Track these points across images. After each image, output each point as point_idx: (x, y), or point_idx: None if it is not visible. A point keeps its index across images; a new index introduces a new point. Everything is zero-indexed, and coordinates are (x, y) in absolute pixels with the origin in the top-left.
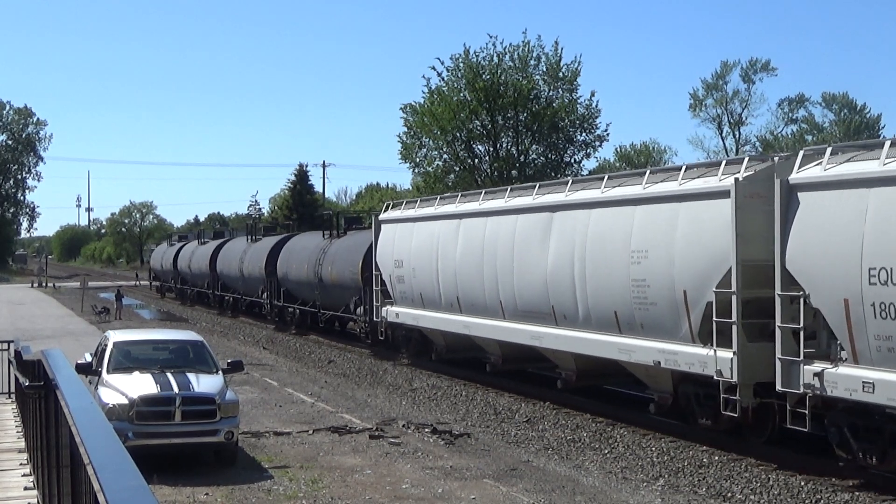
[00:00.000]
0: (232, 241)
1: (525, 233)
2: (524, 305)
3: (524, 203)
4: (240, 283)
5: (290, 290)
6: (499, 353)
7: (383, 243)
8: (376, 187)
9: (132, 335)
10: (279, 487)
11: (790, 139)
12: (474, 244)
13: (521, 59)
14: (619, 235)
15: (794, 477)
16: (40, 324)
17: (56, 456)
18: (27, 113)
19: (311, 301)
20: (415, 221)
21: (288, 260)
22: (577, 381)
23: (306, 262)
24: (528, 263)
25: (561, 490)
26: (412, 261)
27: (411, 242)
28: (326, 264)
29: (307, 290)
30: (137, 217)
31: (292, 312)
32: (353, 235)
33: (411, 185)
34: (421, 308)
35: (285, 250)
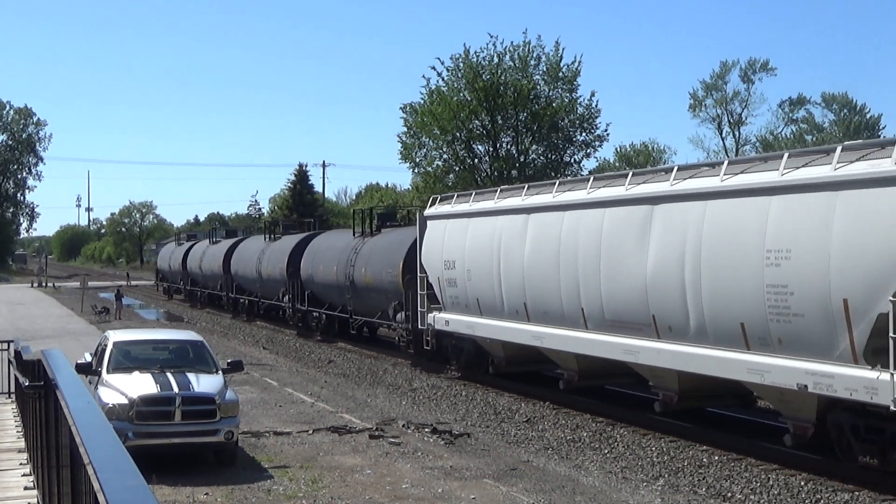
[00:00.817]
0: (247, 240)
1: (616, 229)
2: (614, 314)
3: (614, 194)
4: (257, 284)
5: (316, 293)
6: (575, 369)
7: (430, 242)
8: (376, 187)
9: (132, 335)
10: (279, 487)
11: (790, 139)
12: (548, 242)
13: (521, 59)
14: (747, 232)
15: (794, 477)
16: (40, 324)
17: (56, 456)
18: (27, 113)
19: (340, 306)
20: (469, 217)
21: (313, 260)
22: (679, 402)
23: (335, 262)
24: (621, 265)
25: (561, 490)
26: (466, 261)
27: (465, 241)
28: (360, 265)
29: (336, 293)
30: (137, 217)
31: (318, 318)
32: (390, 233)
33: (411, 185)
34: (477, 315)
35: (310, 250)
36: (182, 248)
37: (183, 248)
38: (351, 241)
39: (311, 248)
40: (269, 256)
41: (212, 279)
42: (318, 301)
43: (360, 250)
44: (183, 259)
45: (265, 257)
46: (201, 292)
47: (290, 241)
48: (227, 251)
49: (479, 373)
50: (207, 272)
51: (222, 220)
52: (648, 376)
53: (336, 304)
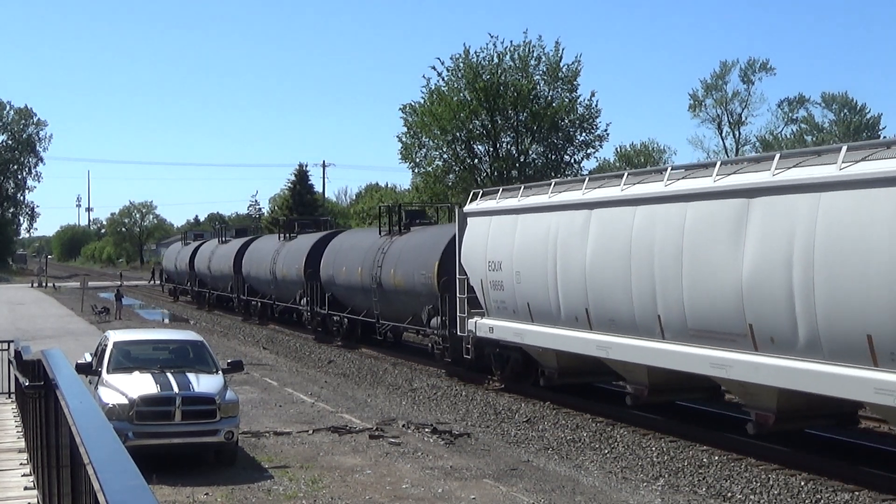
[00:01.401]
0: (260, 239)
1: (702, 226)
2: (699, 323)
3: (699, 187)
4: (271, 286)
5: (338, 296)
6: (645, 383)
7: (471, 241)
8: (376, 187)
9: (132, 335)
10: (279, 487)
11: (790, 139)
12: (616, 241)
13: (521, 59)
14: (878, 228)
15: (794, 477)
16: (40, 324)
17: (56, 456)
18: (27, 113)
19: (364, 310)
20: (518, 213)
21: (334, 261)
22: (776, 424)
23: (360, 263)
24: (708, 267)
25: (561, 490)
26: (515, 262)
27: (514, 239)
28: (388, 266)
29: (361, 296)
30: (137, 217)
31: (339, 322)
32: (421, 232)
33: (411, 185)
34: (526, 321)
35: (331, 250)
36: (189, 247)
37: (190, 248)
38: (377, 240)
39: (331, 248)
40: (284, 257)
41: (221, 280)
42: (340, 304)
43: (388, 250)
44: (190, 259)
45: (280, 257)
46: (210, 294)
47: (308, 240)
48: (238, 251)
49: (525, 384)
50: (216, 273)
51: (222, 220)
52: (738, 394)
53: (360, 308)
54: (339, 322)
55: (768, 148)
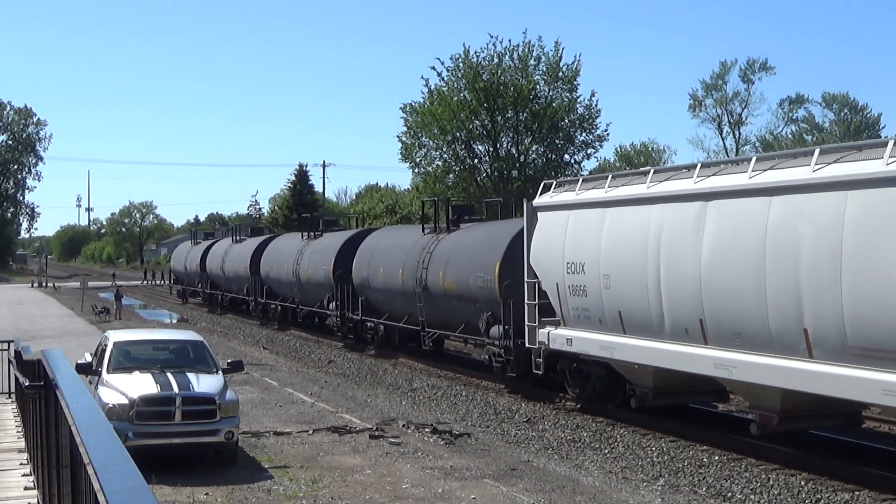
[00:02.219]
0: (280, 238)
1: (872, 221)
2: (864, 339)
3: (863, 171)
4: (294, 289)
5: (373, 300)
6: (776, 408)
7: (543, 239)
8: (376, 187)
9: (132, 335)
10: (279, 487)
11: (790, 139)
12: (743, 238)
13: (521, 59)
14: None
15: (795, 477)
16: (40, 324)
17: (56, 456)
18: (27, 113)
19: (405, 316)
20: (607, 206)
21: (369, 262)
22: None
23: (400, 264)
24: (880, 271)
25: (561, 490)
26: (602, 264)
27: (601, 236)
28: (435, 268)
29: (401, 301)
30: (137, 217)
31: (373, 329)
32: (474, 229)
33: (411, 185)
34: (617, 333)
35: (365, 250)
36: (199, 247)
37: (200, 248)
38: (420, 238)
39: (365, 248)
40: (309, 257)
41: (236, 282)
42: (375, 310)
43: (434, 249)
44: (201, 259)
45: (305, 258)
46: (223, 296)
47: (336, 239)
48: (256, 251)
49: (611, 405)
50: (231, 274)
51: (222, 220)
52: None
53: (399, 314)
54: (374, 329)
55: (768, 148)
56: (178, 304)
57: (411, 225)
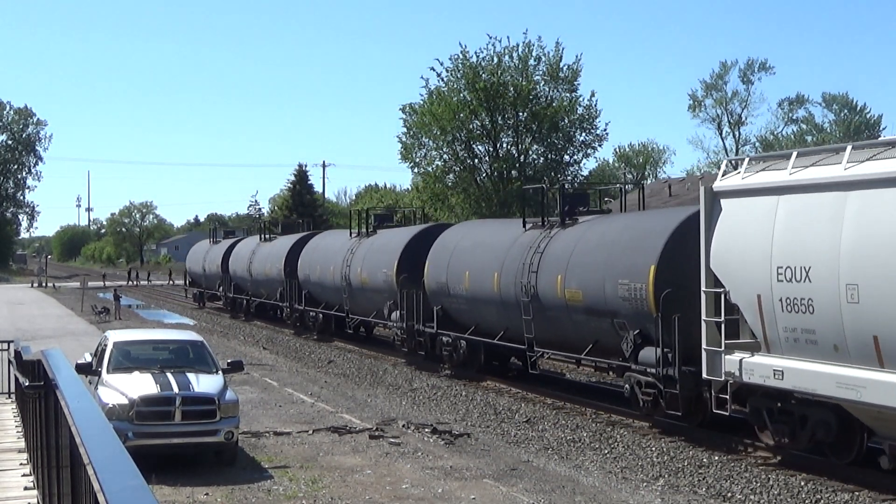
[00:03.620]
0: (322, 236)
1: None
2: None
3: None
4: (342, 294)
5: (453, 311)
6: None
7: (733, 234)
8: (375, 188)
9: (132, 335)
10: (279, 487)
11: (790, 139)
12: None
13: (521, 59)
14: None
15: (794, 477)
16: (40, 324)
17: (56, 456)
18: (27, 113)
19: (501, 330)
20: (849, 189)
21: (448, 264)
22: None
23: (497, 268)
24: None
25: (561, 490)
26: (846, 269)
27: (839, 231)
28: (549, 273)
29: (496, 312)
30: (137, 217)
31: (452, 345)
32: (601, 222)
33: (411, 185)
34: (868, 365)
35: (441, 249)
36: (220, 246)
37: (222, 247)
38: (518, 234)
39: (442, 247)
40: (364, 258)
41: (266, 285)
42: (456, 322)
43: (545, 249)
44: (223, 260)
45: (356, 259)
46: (249, 301)
47: (399, 237)
48: (291, 251)
49: (836, 459)
50: (260, 276)
51: (222, 220)
52: None
53: (492, 328)
54: (454, 345)
55: (769, 148)
56: (195, 308)
57: (504, 220)
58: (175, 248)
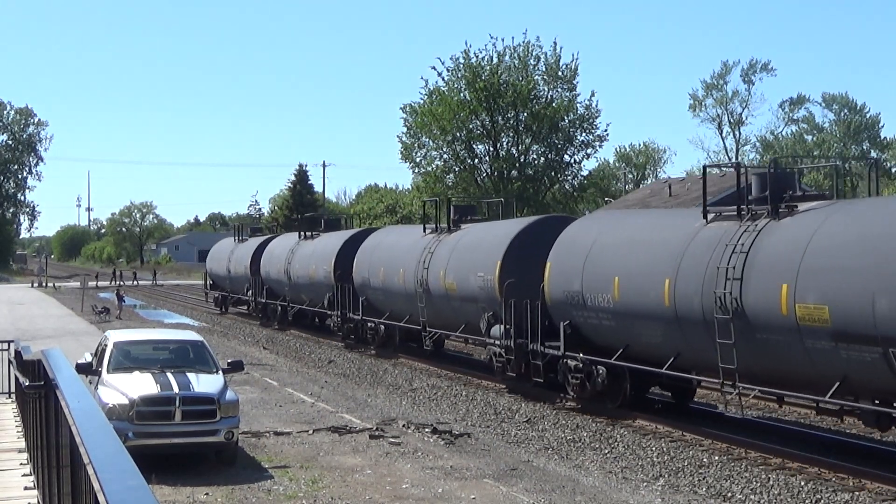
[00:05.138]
0: (382, 232)
1: None
2: None
3: None
4: (415, 303)
5: (588, 330)
6: None
7: None
8: (375, 188)
9: (132, 335)
10: (279, 487)
11: (790, 139)
12: None
13: (520, 59)
14: None
15: (795, 477)
16: (40, 323)
17: (56, 456)
18: (28, 113)
19: (667, 356)
20: None
21: (584, 266)
22: None
23: (670, 273)
24: None
25: (561, 490)
26: None
27: None
28: (760, 282)
29: (664, 333)
30: (137, 217)
31: (587, 372)
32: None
33: (411, 184)
34: None
35: (570, 245)
36: (247, 245)
37: (249, 246)
38: (700, 228)
39: (572, 242)
40: (449, 258)
41: (309, 290)
42: (593, 343)
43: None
44: (252, 260)
45: (437, 260)
46: (286, 308)
47: (499, 231)
48: (342, 250)
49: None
50: (301, 280)
51: (223, 219)
52: None
53: (656, 351)
54: (588, 372)
55: (769, 148)
56: (216, 313)
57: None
58: (175, 247)
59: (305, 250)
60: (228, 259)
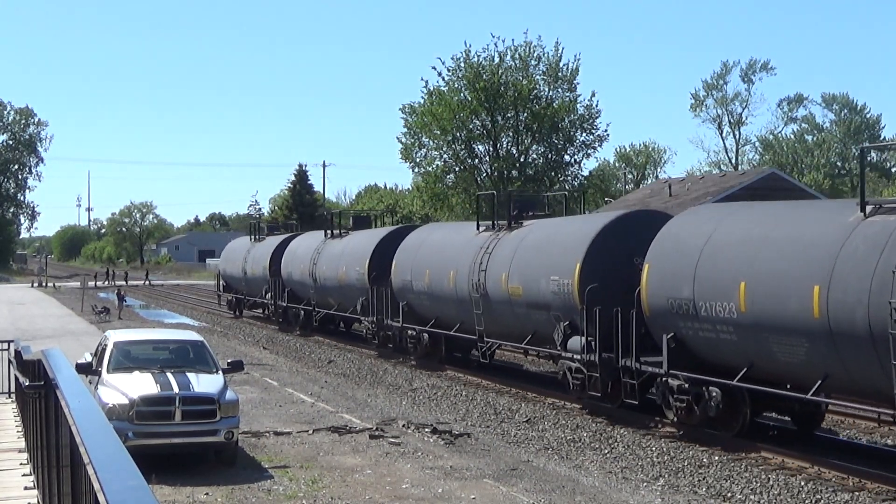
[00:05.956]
0: (426, 229)
1: None
2: None
3: None
4: (469, 310)
5: (698, 345)
6: None
7: None
8: (375, 188)
9: (132, 335)
10: (279, 487)
11: (790, 139)
12: None
13: (521, 59)
14: None
15: (794, 477)
16: (40, 323)
17: (56, 456)
18: (28, 113)
19: (807, 377)
20: None
21: (680, 270)
22: None
23: (802, 276)
24: None
25: (561, 490)
26: None
27: None
28: None
29: (788, 344)
30: (137, 217)
31: (692, 393)
32: None
33: (411, 185)
34: None
35: (668, 248)
36: (265, 245)
37: (268, 246)
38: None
39: (673, 240)
40: (512, 259)
41: (337, 293)
42: (701, 359)
43: None
44: (271, 261)
45: (496, 260)
46: (312, 312)
47: (577, 227)
48: (377, 250)
49: None
50: (328, 282)
51: (223, 219)
52: None
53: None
54: (697, 394)
55: (769, 148)
56: (230, 318)
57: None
58: (175, 247)
59: (333, 250)
60: (244, 259)
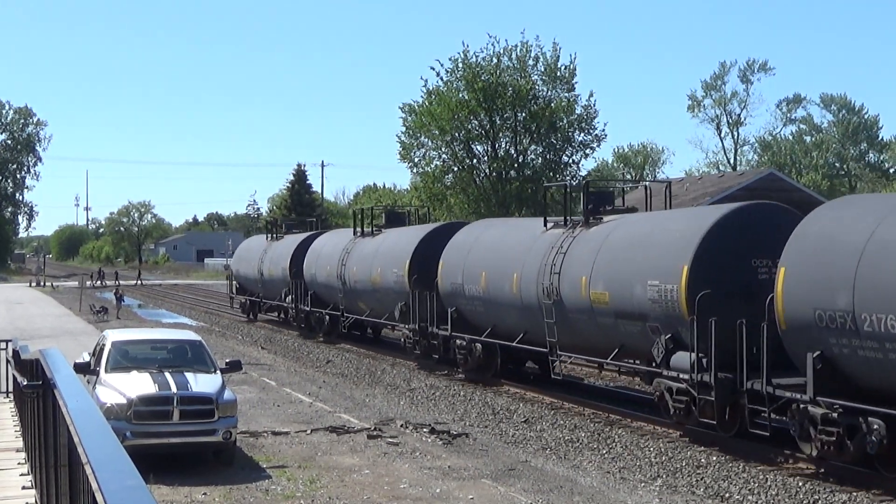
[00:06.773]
0: (480, 225)
1: None
2: None
3: None
4: (531, 317)
5: (856, 366)
6: None
7: None
8: (374, 188)
9: (130, 335)
10: (277, 487)
11: (789, 140)
12: None
13: (519, 60)
14: None
15: (793, 477)
16: (38, 323)
17: (54, 455)
18: (27, 113)
19: None
20: None
21: (832, 275)
22: None
23: None
24: None
25: (559, 490)
26: None
27: None
28: None
29: None
30: (135, 216)
31: (838, 425)
32: None
33: (410, 185)
34: None
35: (812, 249)
36: (284, 244)
37: (288, 245)
38: None
39: (818, 238)
40: (596, 260)
41: (371, 298)
42: (856, 383)
43: None
44: (291, 261)
45: (572, 262)
46: (342, 318)
47: (662, 225)
48: (418, 250)
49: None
50: (360, 286)
51: (221, 219)
52: None
53: None
54: (850, 425)
55: (767, 148)
56: (243, 321)
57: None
58: (173, 247)
59: (365, 249)
60: (260, 259)
